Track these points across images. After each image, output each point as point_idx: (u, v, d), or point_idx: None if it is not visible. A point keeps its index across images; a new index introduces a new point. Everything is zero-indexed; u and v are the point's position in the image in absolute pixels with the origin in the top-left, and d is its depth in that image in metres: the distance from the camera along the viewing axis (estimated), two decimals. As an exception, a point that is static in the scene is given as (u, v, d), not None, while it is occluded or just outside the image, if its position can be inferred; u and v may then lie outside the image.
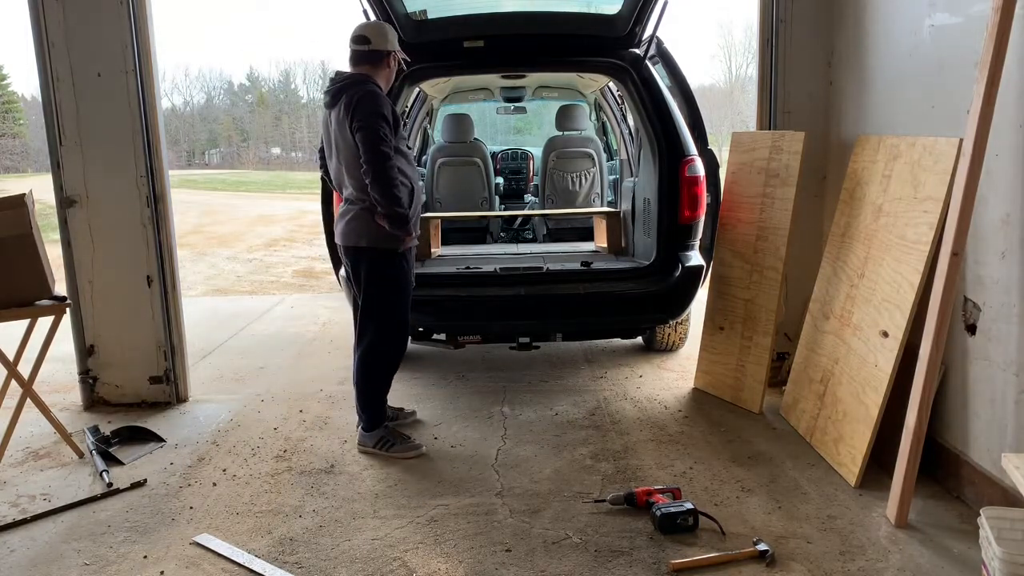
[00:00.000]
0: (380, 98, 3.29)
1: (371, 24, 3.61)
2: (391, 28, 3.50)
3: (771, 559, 2.57)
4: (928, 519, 2.83)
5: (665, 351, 5.11)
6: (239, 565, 2.63)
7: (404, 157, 3.40)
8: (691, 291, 4.11)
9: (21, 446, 3.73)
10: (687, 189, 4.04)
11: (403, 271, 3.48)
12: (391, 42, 3.43)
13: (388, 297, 3.48)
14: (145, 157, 4.09)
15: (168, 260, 4.22)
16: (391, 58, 3.43)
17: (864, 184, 3.48)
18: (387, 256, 3.40)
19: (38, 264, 3.43)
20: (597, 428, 3.82)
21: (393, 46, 3.43)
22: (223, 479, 3.33)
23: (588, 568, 2.57)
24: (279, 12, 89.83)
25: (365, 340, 3.52)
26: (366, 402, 3.56)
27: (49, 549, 2.78)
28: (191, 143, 53.28)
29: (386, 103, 3.31)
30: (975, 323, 2.87)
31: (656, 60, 4.46)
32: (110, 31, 3.98)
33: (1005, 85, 2.57)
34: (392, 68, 3.46)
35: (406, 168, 3.38)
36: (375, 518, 2.95)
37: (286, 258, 12.42)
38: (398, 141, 3.35)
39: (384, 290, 3.46)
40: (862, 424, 3.15)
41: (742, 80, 39.82)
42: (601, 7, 4.26)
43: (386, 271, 3.43)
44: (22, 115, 44.66)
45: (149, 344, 4.25)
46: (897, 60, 3.43)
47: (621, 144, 5.61)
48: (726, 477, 3.24)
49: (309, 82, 60.35)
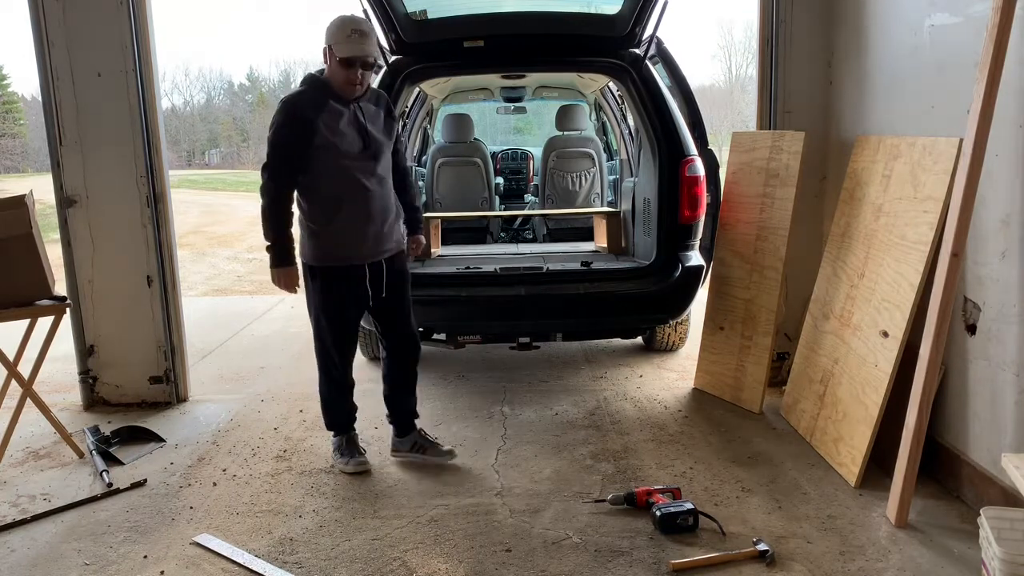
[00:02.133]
0: (281, 106, 3.12)
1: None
2: (340, 21, 3.10)
3: (771, 559, 2.57)
4: (928, 519, 2.83)
5: (665, 351, 5.11)
6: (239, 565, 2.63)
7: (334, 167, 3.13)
8: (691, 291, 4.11)
9: (21, 446, 3.73)
10: (687, 189, 4.04)
11: (326, 292, 3.24)
12: (327, 36, 3.10)
13: (311, 314, 3.34)
14: (145, 157, 4.09)
15: (168, 260, 4.22)
16: (329, 54, 3.11)
17: (864, 184, 3.48)
18: (306, 269, 3.28)
19: (38, 264, 3.43)
20: (597, 428, 3.82)
21: (329, 40, 3.09)
22: (223, 479, 3.33)
23: (588, 568, 2.57)
24: (279, 12, 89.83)
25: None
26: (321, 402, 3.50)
27: (49, 549, 2.78)
28: (191, 143, 53.25)
29: (285, 114, 3.09)
30: (975, 323, 2.87)
31: (656, 60, 4.46)
32: (110, 31, 3.98)
33: (1005, 85, 2.57)
34: (333, 66, 3.09)
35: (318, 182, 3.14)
36: (375, 518, 2.95)
37: (286, 258, 12.39)
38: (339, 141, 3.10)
39: (309, 305, 3.34)
40: (862, 424, 3.15)
41: (742, 80, 39.81)
42: (601, 7, 4.26)
43: (307, 284, 3.29)
44: (22, 115, 44.65)
45: (149, 344, 4.25)
46: (897, 60, 3.43)
47: (621, 144, 5.61)
48: (726, 477, 3.23)
49: (309, 82, 60.21)
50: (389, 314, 3.38)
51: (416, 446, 3.45)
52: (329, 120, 3.10)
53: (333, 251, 3.22)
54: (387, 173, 3.30)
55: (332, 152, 3.12)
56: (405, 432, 3.50)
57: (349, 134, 3.14)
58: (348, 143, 3.14)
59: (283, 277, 3.23)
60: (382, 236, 3.26)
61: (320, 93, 3.14)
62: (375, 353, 4.98)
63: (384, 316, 3.39)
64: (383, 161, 3.25)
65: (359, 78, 3.10)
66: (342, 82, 3.10)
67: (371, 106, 3.25)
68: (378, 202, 3.23)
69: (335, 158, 3.12)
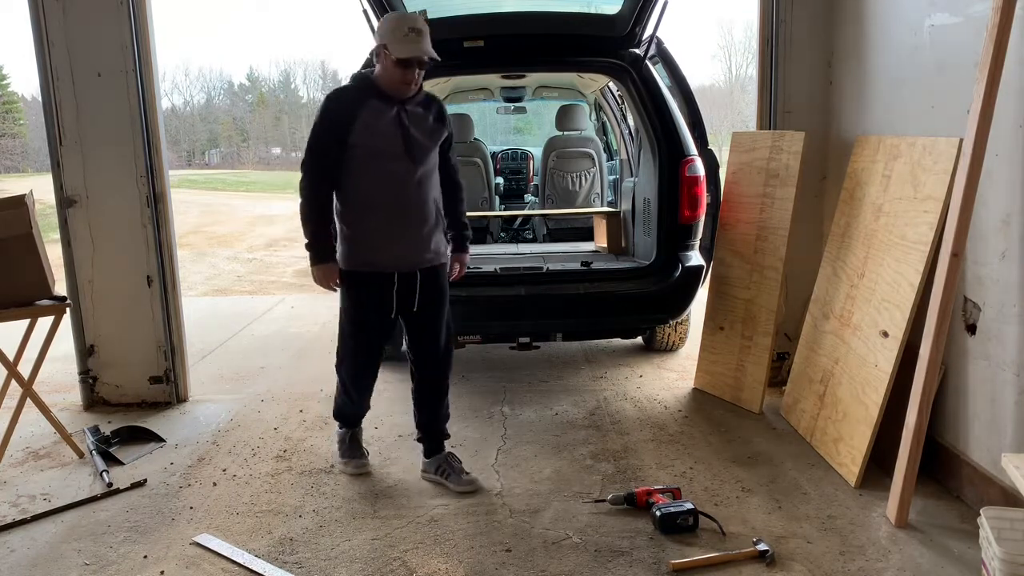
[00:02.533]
0: (322, 102, 3.05)
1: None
2: (395, 19, 3.02)
3: (771, 559, 2.57)
4: (928, 519, 2.83)
5: (665, 351, 5.11)
6: (239, 565, 2.63)
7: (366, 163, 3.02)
8: (691, 291, 4.11)
9: (21, 446, 3.73)
10: (687, 189, 4.04)
11: (351, 297, 3.15)
12: (380, 34, 2.99)
13: (340, 318, 3.24)
14: (145, 157, 4.09)
15: (168, 260, 4.22)
16: (383, 54, 2.97)
17: (864, 184, 3.48)
18: (339, 271, 3.14)
19: (38, 264, 3.43)
20: (597, 428, 3.82)
21: (383, 38, 2.96)
22: (223, 479, 3.33)
23: (588, 568, 2.57)
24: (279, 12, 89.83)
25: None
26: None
27: (49, 549, 2.78)
28: (191, 143, 53.28)
29: (323, 109, 3.01)
30: (975, 323, 2.87)
31: (656, 60, 4.46)
32: (110, 31, 3.98)
33: (1005, 85, 2.57)
34: (388, 66, 2.96)
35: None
36: (375, 518, 2.95)
37: (286, 258, 12.42)
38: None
39: (340, 309, 3.23)
40: (862, 424, 3.15)
41: (742, 80, 39.86)
42: (601, 7, 4.26)
43: (341, 290, 3.18)
44: (22, 115, 44.68)
45: (149, 344, 4.25)
46: (897, 60, 3.43)
47: (621, 144, 5.61)
48: (726, 477, 3.23)
49: (309, 82, 60.39)
50: (419, 330, 3.22)
51: (440, 469, 3.24)
52: (369, 118, 2.97)
53: (362, 255, 3.08)
54: (428, 180, 3.11)
55: (368, 151, 2.98)
56: (431, 453, 3.31)
57: (389, 134, 2.99)
58: (386, 143, 2.99)
59: (321, 275, 3.10)
60: (417, 245, 3.09)
61: (364, 91, 3.02)
62: None
63: (414, 331, 3.24)
64: (425, 166, 3.07)
65: (415, 78, 2.98)
66: (397, 82, 2.97)
67: (419, 108, 3.08)
68: (415, 209, 3.06)
69: (371, 158, 2.99)
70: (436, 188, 3.16)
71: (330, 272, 3.09)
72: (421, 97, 3.11)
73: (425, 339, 3.23)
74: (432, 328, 3.22)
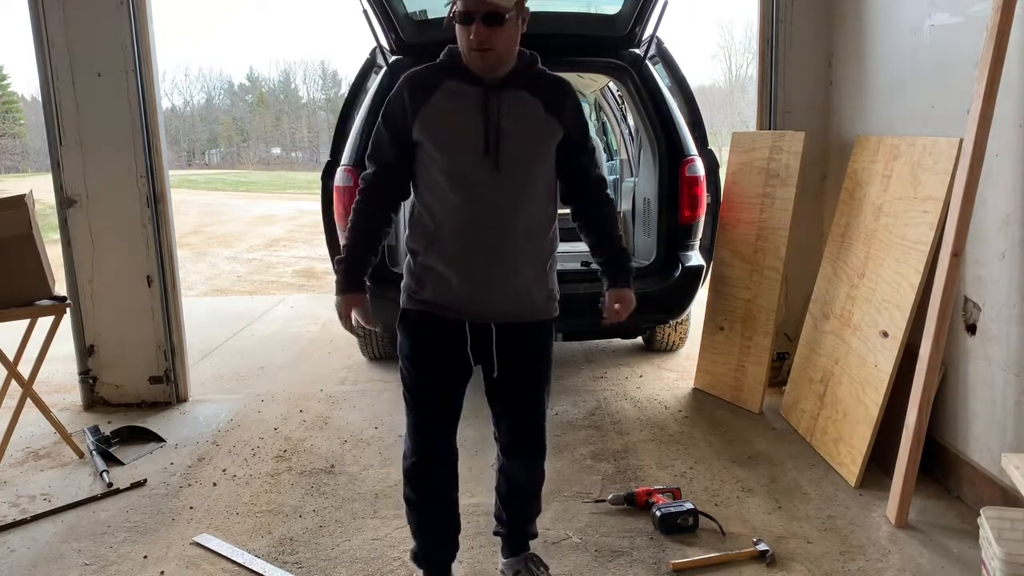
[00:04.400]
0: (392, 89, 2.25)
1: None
2: None
3: (771, 559, 2.57)
4: (928, 519, 2.83)
5: (665, 351, 5.11)
6: (239, 565, 2.63)
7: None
8: (691, 291, 4.11)
9: (21, 446, 3.73)
10: (687, 189, 4.04)
11: (408, 339, 2.28)
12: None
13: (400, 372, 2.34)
14: (145, 157, 4.09)
15: (168, 260, 4.22)
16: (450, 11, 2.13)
17: (864, 184, 3.48)
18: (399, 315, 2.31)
19: (38, 264, 3.43)
20: (597, 428, 3.82)
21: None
22: (223, 479, 3.33)
23: (588, 568, 2.57)
24: (279, 12, 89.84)
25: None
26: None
27: (49, 549, 2.78)
28: (191, 143, 53.33)
29: (392, 93, 2.22)
30: (975, 323, 2.87)
31: (656, 60, 4.46)
32: (110, 31, 3.98)
33: (1005, 85, 2.57)
34: (455, 29, 2.13)
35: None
36: (375, 518, 2.95)
37: (286, 258, 12.42)
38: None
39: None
40: (862, 424, 3.15)
41: (742, 80, 39.88)
42: (601, 7, 4.26)
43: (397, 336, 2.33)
44: (22, 115, 44.72)
45: (149, 344, 4.25)
46: (897, 60, 3.43)
47: (621, 144, 5.61)
48: (726, 477, 3.24)
49: (309, 82, 60.46)
50: (502, 402, 2.40)
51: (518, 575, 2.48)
52: (442, 102, 2.13)
53: (418, 291, 2.23)
54: (526, 197, 2.20)
55: (433, 148, 2.14)
56: (513, 552, 2.53)
57: (464, 126, 2.12)
58: (457, 138, 2.13)
59: (343, 308, 2.26)
60: (500, 287, 2.21)
61: (444, 67, 2.18)
62: (375, 353, 4.98)
63: (496, 400, 2.41)
64: (519, 174, 2.16)
65: (482, 38, 2.04)
66: (464, 47, 2.11)
67: (521, 92, 2.17)
68: (500, 233, 2.16)
69: (438, 158, 2.14)
70: (542, 211, 2.28)
71: (355, 303, 2.25)
72: (529, 77, 2.22)
73: (509, 415, 2.41)
74: (522, 401, 2.38)
